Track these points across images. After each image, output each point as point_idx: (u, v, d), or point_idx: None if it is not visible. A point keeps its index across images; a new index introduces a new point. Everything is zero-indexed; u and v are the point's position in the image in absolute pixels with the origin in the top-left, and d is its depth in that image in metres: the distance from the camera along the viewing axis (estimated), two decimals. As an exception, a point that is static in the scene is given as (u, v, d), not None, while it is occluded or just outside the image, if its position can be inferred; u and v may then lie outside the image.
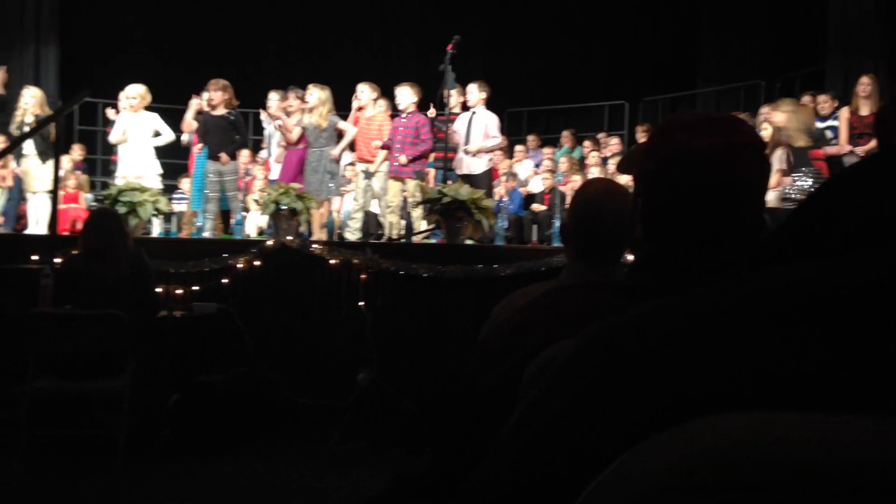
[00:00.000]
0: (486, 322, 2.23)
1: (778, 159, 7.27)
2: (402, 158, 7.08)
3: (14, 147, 6.56)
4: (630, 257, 2.32)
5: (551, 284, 2.19)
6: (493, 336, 1.51)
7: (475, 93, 7.54)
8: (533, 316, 1.36)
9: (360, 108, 7.72)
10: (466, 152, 7.44)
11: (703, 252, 1.20)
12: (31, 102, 7.73)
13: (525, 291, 2.17)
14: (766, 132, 7.43)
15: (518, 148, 10.78)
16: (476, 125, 7.50)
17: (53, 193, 5.47)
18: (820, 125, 7.85)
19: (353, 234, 7.13)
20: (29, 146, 7.73)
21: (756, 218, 1.23)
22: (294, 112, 7.65)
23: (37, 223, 8.12)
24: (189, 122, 8.48)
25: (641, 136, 9.90)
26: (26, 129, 7.46)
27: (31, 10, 11.86)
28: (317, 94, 7.24)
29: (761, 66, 10.74)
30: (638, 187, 1.32)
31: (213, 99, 7.32)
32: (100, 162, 11.45)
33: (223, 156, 7.29)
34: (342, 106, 7.80)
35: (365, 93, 7.45)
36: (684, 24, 12.43)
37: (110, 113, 8.25)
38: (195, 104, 8.28)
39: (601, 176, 8.75)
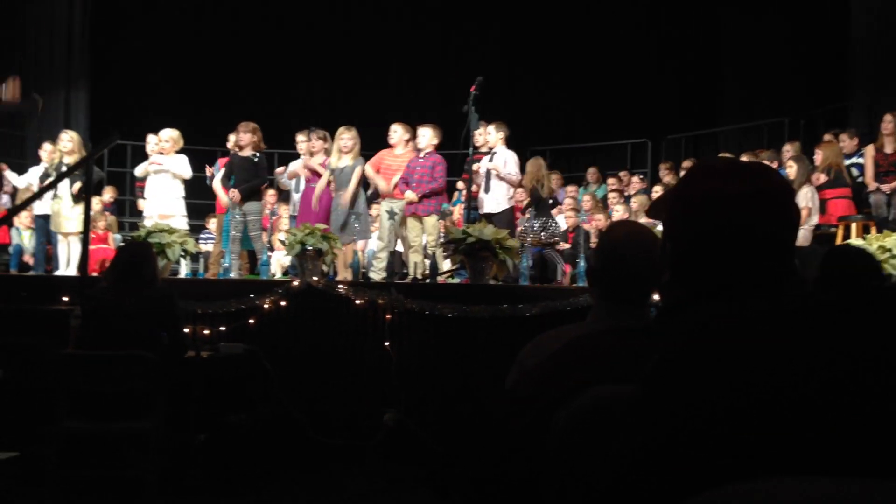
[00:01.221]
0: (514, 365, 2.23)
1: (803, 197, 7.26)
2: (409, 195, 7.12)
3: (50, 188, 6.70)
4: (657, 299, 2.33)
5: (578, 328, 2.20)
6: (523, 381, 1.51)
7: (493, 133, 7.66)
8: (564, 362, 1.36)
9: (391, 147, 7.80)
10: (485, 173, 7.53)
11: (732, 297, 1.19)
12: (68, 146, 7.97)
13: (552, 335, 2.17)
14: (791, 170, 7.43)
15: (541, 187, 10.81)
16: (495, 164, 7.58)
17: (85, 235, 5.55)
18: (846, 162, 7.83)
19: (377, 274, 7.17)
20: (62, 188, 7.90)
21: (786, 263, 1.23)
22: (317, 152, 7.76)
23: (67, 265, 8.25)
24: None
25: (665, 174, 9.91)
26: (63, 170, 7.65)
27: (61, 55, 12.14)
28: (349, 138, 7.36)
29: (785, 104, 10.74)
30: (667, 232, 1.33)
31: (242, 140, 7.49)
32: (128, 203, 11.62)
33: (234, 192, 7.43)
34: (367, 145, 7.89)
35: (398, 133, 7.55)
36: (707, 62, 12.47)
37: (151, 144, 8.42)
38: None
39: (625, 214, 8.76)
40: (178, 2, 13.07)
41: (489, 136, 7.66)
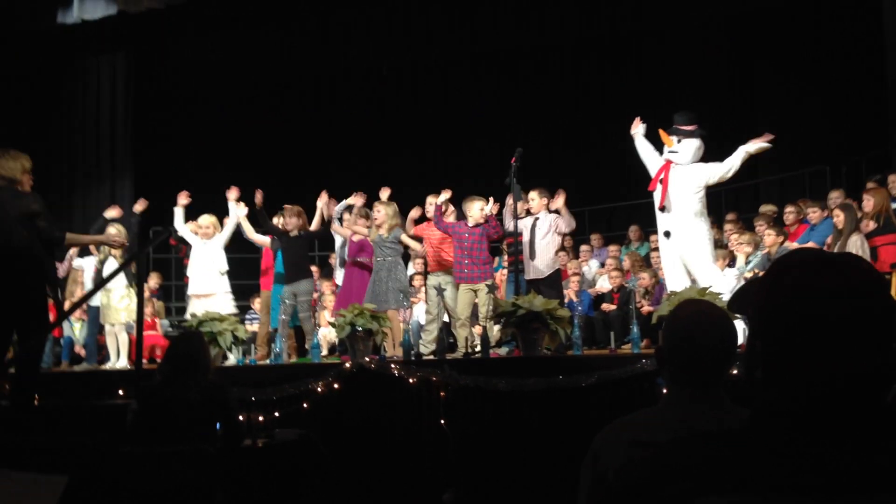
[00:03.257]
0: (589, 454, 2.18)
1: (853, 245, 7.13)
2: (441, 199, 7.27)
3: (104, 284, 6.82)
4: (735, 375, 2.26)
5: (655, 419, 2.14)
6: (618, 485, 1.47)
7: (536, 199, 7.66)
8: (663, 469, 1.32)
9: (428, 220, 7.89)
10: (551, 211, 7.61)
11: (830, 399, 1.15)
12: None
13: (629, 427, 2.12)
14: (838, 218, 7.31)
15: (583, 248, 10.76)
16: (539, 229, 7.58)
17: (139, 327, 5.61)
18: (894, 206, 7.67)
19: (426, 347, 7.13)
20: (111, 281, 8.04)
21: (884, 361, 1.18)
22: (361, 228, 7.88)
23: (118, 355, 8.34)
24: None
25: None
26: (110, 264, 7.84)
27: (106, 147, 12.51)
28: (383, 211, 7.44)
29: (823, 152, 10.61)
30: (755, 327, 1.29)
31: (289, 224, 7.60)
32: (174, 288, 11.76)
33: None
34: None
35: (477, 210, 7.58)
36: (742, 112, 12.41)
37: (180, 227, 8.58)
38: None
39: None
40: (215, 96, 13.39)
41: (532, 201, 7.66)
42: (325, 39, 12.39)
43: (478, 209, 7.40)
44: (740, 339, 2.26)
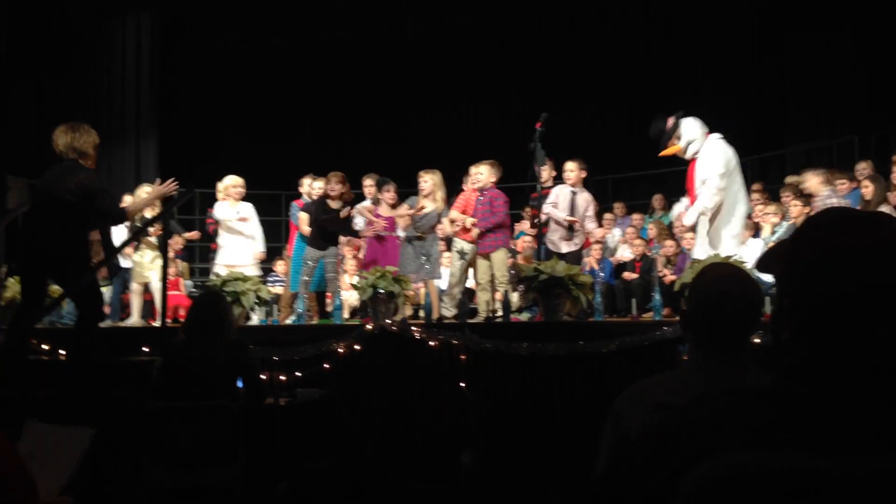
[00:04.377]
0: (610, 415, 2.19)
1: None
2: (468, 221, 7.05)
3: (130, 242, 6.88)
4: (758, 343, 2.25)
5: (676, 381, 2.15)
6: (640, 442, 1.48)
7: (575, 171, 7.55)
8: (685, 425, 1.32)
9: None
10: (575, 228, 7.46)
11: (863, 356, 1.15)
12: None
13: (652, 387, 2.13)
14: (867, 189, 7.23)
15: (606, 216, 10.71)
16: (579, 203, 7.50)
17: (163, 285, 5.67)
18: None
19: (449, 311, 7.16)
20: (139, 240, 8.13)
21: None
22: (391, 202, 7.85)
23: (141, 313, 8.43)
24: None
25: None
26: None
27: (131, 108, 12.54)
28: (430, 180, 7.40)
29: (852, 122, 10.46)
30: (783, 287, 1.28)
31: (333, 190, 7.59)
32: (198, 249, 11.85)
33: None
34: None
35: (483, 175, 7.46)
36: (770, 82, 12.25)
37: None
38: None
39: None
40: (240, 56, 13.38)
41: (571, 172, 7.55)
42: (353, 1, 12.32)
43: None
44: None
